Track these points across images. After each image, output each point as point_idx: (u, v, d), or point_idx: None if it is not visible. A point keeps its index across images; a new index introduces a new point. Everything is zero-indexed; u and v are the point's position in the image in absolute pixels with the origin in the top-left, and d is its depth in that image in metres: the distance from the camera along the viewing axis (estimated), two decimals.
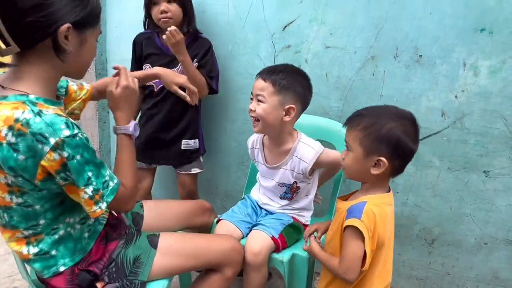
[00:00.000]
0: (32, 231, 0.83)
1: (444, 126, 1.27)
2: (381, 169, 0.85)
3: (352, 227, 0.83)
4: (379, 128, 0.84)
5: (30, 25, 0.72)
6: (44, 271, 0.86)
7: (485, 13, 1.13)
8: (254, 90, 1.12)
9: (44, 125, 0.72)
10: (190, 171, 1.58)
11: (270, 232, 1.13)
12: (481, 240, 1.31)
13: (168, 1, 1.35)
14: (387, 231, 0.89)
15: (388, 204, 0.91)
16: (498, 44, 1.14)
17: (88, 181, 0.78)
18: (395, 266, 1.47)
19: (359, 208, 0.85)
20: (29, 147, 0.72)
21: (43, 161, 0.73)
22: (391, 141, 0.83)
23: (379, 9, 1.25)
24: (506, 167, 1.21)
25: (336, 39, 1.35)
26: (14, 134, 0.72)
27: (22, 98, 0.75)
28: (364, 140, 0.85)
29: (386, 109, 0.90)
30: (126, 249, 0.95)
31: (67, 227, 0.86)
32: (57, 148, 0.72)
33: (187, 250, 1.01)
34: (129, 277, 0.92)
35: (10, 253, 1.69)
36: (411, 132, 0.85)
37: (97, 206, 0.80)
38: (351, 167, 0.90)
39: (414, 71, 1.26)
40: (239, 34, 1.51)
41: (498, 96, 1.17)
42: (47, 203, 0.81)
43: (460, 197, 1.30)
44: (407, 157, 0.87)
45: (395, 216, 1.40)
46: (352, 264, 0.86)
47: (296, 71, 1.14)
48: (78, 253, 0.89)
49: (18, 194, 0.78)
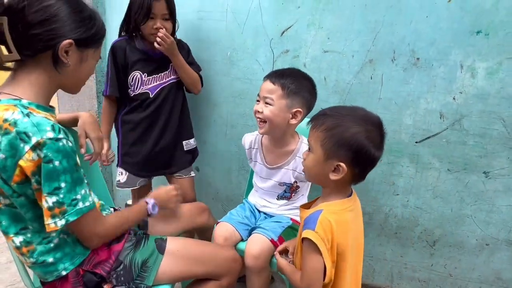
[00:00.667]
0: (22, 237, 0.82)
1: (443, 128, 1.27)
2: (340, 174, 0.80)
3: (308, 239, 0.78)
4: (342, 131, 0.79)
5: (34, 36, 0.76)
6: (46, 275, 0.87)
7: (481, 15, 1.14)
8: (261, 92, 1.14)
9: (30, 124, 0.73)
10: (190, 174, 1.58)
11: (269, 235, 1.14)
12: (483, 241, 1.31)
13: (164, 19, 1.36)
14: (349, 239, 0.83)
15: (349, 210, 0.84)
16: (494, 46, 1.15)
17: (54, 191, 0.74)
18: (397, 268, 1.47)
19: (314, 218, 0.80)
20: (11, 145, 0.72)
21: (21, 161, 0.72)
22: (353, 147, 0.78)
23: (376, 13, 1.27)
24: (505, 168, 1.22)
25: (333, 44, 1.36)
26: (1, 133, 0.73)
27: (15, 101, 0.77)
28: (325, 142, 0.80)
29: (353, 111, 0.84)
30: (134, 252, 0.95)
31: (59, 235, 0.85)
32: (36, 148, 0.72)
33: (193, 256, 1.01)
34: (135, 281, 0.92)
35: (12, 262, 1.69)
36: (376, 138, 0.80)
37: (52, 220, 0.76)
38: (310, 169, 0.85)
39: (412, 74, 1.27)
40: (238, 40, 1.53)
41: (496, 97, 1.18)
42: (29, 211, 0.80)
43: (461, 198, 1.30)
44: (369, 164, 0.81)
45: (396, 218, 1.42)
46: (312, 278, 0.81)
47: (303, 76, 1.17)
48: (78, 256, 0.88)
49: (3, 197, 0.78)
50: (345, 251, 0.82)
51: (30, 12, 0.75)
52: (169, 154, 1.52)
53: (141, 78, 1.42)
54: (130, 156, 1.50)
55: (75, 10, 0.80)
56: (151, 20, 1.34)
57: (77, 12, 0.81)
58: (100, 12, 1.81)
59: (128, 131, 1.48)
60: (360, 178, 0.84)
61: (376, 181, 1.42)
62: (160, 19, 1.35)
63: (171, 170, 1.55)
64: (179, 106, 1.50)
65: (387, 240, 1.46)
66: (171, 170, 1.55)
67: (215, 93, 1.64)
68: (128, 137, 1.48)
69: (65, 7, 0.78)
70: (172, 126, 1.49)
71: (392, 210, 1.42)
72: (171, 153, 1.52)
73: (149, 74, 1.43)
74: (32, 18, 0.75)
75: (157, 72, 1.44)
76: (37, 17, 0.75)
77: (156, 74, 1.44)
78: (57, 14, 0.77)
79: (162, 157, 1.50)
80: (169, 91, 1.46)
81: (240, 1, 1.48)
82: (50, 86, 0.84)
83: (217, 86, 1.63)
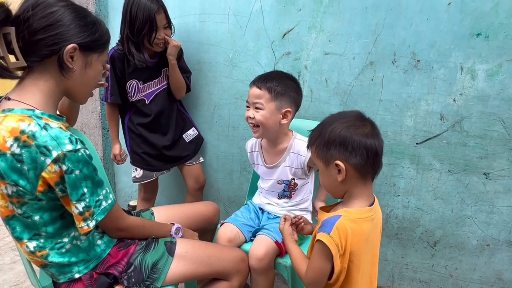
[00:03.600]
0: (35, 242, 0.84)
1: (444, 129, 1.28)
2: (343, 173, 0.80)
3: (321, 241, 0.79)
4: (323, 134, 0.83)
5: (39, 42, 0.78)
6: (60, 275, 0.89)
7: (481, 18, 1.15)
8: (250, 99, 1.18)
9: (49, 138, 0.75)
10: (199, 161, 1.68)
11: (274, 237, 1.15)
12: (483, 242, 1.32)
13: (164, 27, 1.42)
14: (363, 248, 0.82)
15: (368, 219, 0.83)
16: (494, 48, 1.16)
17: (81, 197, 0.80)
18: (398, 269, 1.48)
19: (331, 222, 0.80)
20: (32, 158, 0.75)
21: (44, 173, 0.76)
22: (336, 141, 0.80)
23: (377, 16, 1.28)
24: (506, 169, 1.23)
25: (334, 46, 1.37)
26: (20, 146, 0.75)
27: (28, 112, 0.78)
28: (318, 152, 0.84)
29: (330, 117, 0.87)
30: (144, 254, 0.97)
31: (72, 240, 0.87)
32: (58, 161, 0.75)
33: (201, 258, 1.03)
34: (146, 282, 0.94)
35: (16, 262, 1.70)
36: (358, 125, 0.81)
37: (85, 223, 0.81)
38: (324, 184, 0.88)
39: (412, 76, 1.28)
40: (240, 42, 1.54)
41: (496, 99, 1.19)
42: (46, 213, 0.82)
43: (461, 199, 1.31)
44: (363, 152, 0.79)
45: (397, 219, 1.43)
46: (316, 277, 0.82)
47: (287, 77, 1.20)
48: (92, 260, 0.91)
49: (18, 205, 0.80)
50: (358, 260, 0.82)
51: (35, 19, 0.77)
52: (174, 149, 1.61)
53: (137, 86, 1.50)
54: (139, 155, 1.60)
55: (78, 15, 0.82)
56: (154, 32, 1.39)
57: (80, 17, 0.82)
58: (102, 15, 1.84)
59: (134, 135, 1.58)
60: (369, 169, 0.82)
61: (377, 182, 1.42)
62: (162, 29, 1.41)
63: (180, 162, 1.64)
64: (174, 106, 1.59)
65: (388, 241, 1.47)
66: (180, 162, 1.64)
67: (217, 94, 1.66)
68: (135, 140, 1.59)
69: (68, 12, 0.81)
70: (171, 124, 1.58)
71: (393, 211, 1.43)
72: (176, 147, 1.61)
73: (144, 81, 1.51)
74: (37, 24, 0.77)
75: (151, 79, 1.52)
76: (42, 23, 0.77)
77: (150, 81, 1.52)
78: (61, 19, 0.79)
79: (169, 152, 1.60)
80: (163, 96, 1.55)
81: (242, 4, 1.49)
82: (57, 93, 0.86)
83: (219, 87, 1.64)
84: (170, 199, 1.96)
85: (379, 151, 0.82)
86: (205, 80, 1.66)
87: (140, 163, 1.60)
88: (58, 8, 0.79)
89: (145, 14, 1.34)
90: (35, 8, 0.77)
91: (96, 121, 1.98)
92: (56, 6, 0.79)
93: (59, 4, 0.80)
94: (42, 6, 0.78)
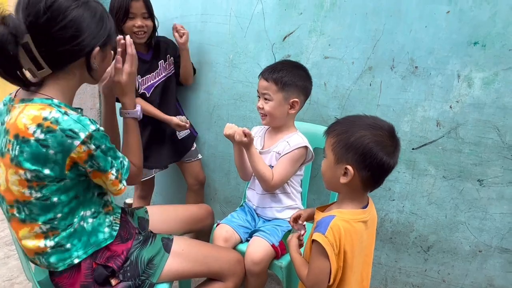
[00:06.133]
0: (49, 225, 0.86)
1: (439, 136, 1.30)
2: (348, 178, 0.82)
3: (317, 242, 0.81)
4: (349, 135, 0.82)
5: (64, 52, 0.81)
6: (59, 263, 0.90)
7: (478, 27, 1.17)
8: (259, 90, 1.23)
9: (73, 122, 0.79)
10: (198, 157, 1.69)
11: (270, 240, 1.16)
12: (476, 248, 1.33)
13: (144, 17, 1.42)
14: (356, 248, 0.84)
15: (361, 220, 0.85)
16: (491, 57, 1.17)
17: (112, 164, 0.88)
18: (391, 273, 1.49)
19: (326, 222, 0.82)
20: (58, 142, 0.78)
21: (73, 154, 0.80)
22: (359, 150, 0.80)
23: (376, 21, 1.30)
24: (499, 176, 1.24)
25: (334, 50, 1.38)
26: (43, 131, 0.78)
27: (48, 101, 0.82)
28: (335, 146, 0.84)
29: (364, 119, 0.87)
30: (141, 249, 0.98)
31: (80, 221, 0.90)
32: (86, 142, 0.81)
33: (197, 257, 1.04)
34: (141, 277, 0.95)
35: (9, 257, 1.70)
36: (386, 143, 0.81)
37: (121, 184, 0.91)
38: (325, 174, 0.89)
39: (410, 82, 1.29)
40: (240, 43, 1.55)
41: (491, 107, 1.21)
42: (63, 195, 0.85)
43: (455, 205, 1.33)
44: (378, 170, 0.81)
45: (391, 223, 1.44)
46: (317, 278, 0.84)
47: (294, 66, 1.23)
48: (91, 246, 0.92)
49: (37, 188, 0.82)
50: (351, 259, 0.84)
51: (55, 29, 0.78)
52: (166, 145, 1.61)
53: (137, 79, 1.49)
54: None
55: (91, 15, 0.84)
56: (131, 20, 1.39)
57: (93, 16, 0.84)
58: None
59: None
60: (373, 184, 0.85)
61: None
62: (140, 18, 1.40)
63: (175, 159, 1.65)
64: (171, 101, 1.60)
65: (382, 245, 1.48)
66: (174, 159, 1.65)
67: (216, 95, 1.66)
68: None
69: (84, 16, 0.82)
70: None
71: (388, 215, 1.44)
72: (169, 144, 1.61)
73: (142, 75, 1.50)
74: (59, 36, 0.79)
75: (149, 72, 1.52)
76: (64, 35, 0.79)
77: (148, 74, 1.52)
78: (81, 26, 0.81)
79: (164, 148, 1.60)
80: (161, 89, 1.55)
81: (243, 6, 1.50)
82: (76, 87, 0.91)
83: (219, 88, 1.65)
84: (166, 198, 1.96)
85: (391, 170, 0.84)
86: (205, 80, 1.67)
87: None
88: (75, 13, 0.80)
89: (120, 0, 1.36)
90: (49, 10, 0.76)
91: (95, 117, 1.98)
92: (71, 8, 0.79)
93: (73, 5, 0.80)
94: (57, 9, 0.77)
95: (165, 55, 1.56)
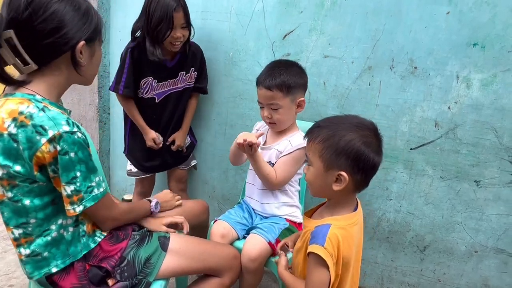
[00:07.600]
0: (22, 230, 0.83)
1: (437, 136, 1.30)
2: (343, 184, 0.79)
3: (316, 254, 0.78)
4: (337, 140, 0.78)
5: (48, 46, 0.79)
6: (34, 272, 0.87)
7: (478, 29, 1.17)
8: (263, 100, 1.19)
9: (46, 118, 0.76)
10: (190, 164, 1.70)
11: (267, 237, 1.16)
12: (472, 248, 1.34)
13: (182, 27, 1.40)
14: (353, 250, 0.84)
15: (354, 224, 0.85)
16: (489, 58, 1.18)
17: (71, 180, 0.79)
18: (387, 272, 1.50)
19: (323, 233, 0.79)
20: (27, 138, 0.75)
21: (38, 152, 0.76)
22: (351, 154, 0.77)
23: (376, 21, 1.30)
24: (496, 177, 1.25)
25: (334, 49, 1.39)
26: (16, 125, 0.76)
27: (29, 96, 0.80)
28: (323, 153, 0.80)
29: (346, 119, 0.84)
30: (138, 249, 0.97)
31: (59, 229, 0.86)
32: (53, 141, 0.75)
33: (194, 254, 1.04)
34: (138, 276, 0.94)
35: (7, 252, 1.70)
36: (373, 143, 0.79)
37: (71, 207, 0.81)
38: (313, 182, 0.85)
39: (409, 82, 1.30)
40: (240, 41, 1.55)
41: (489, 108, 1.21)
42: (37, 198, 0.81)
43: (452, 206, 1.33)
44: (370, 170, 0.80)
45: (388, 223, 1.45)
46: None
47: (288, 65, 1.21)
48: (69, 256, 0.89)
49: (8, 187, 0.80)
50: (349, 263, 0.83)
51: (37, 23, 0.76)
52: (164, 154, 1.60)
53: (152, 84, 1.50)
54: (134, 150, 1.61)
55: (74, 8, 0.82)
56: (171, 30, 1.37)
57: (76, 9, 0.82)
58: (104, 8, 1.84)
59: (135, 130, 1.58)
60: (364, 185, 0.84)
61: (370, 186, 1.41)
62: (179, 28, 1.39)
63: (168, 168, 1.67)
64: (180, 112, 1.59)
65: (379, 244, 1.49)
66: (168, 168, 1.67)
67: (215, 92, 1.66)
68: (134, 132, 1.59)
69: (67, 9, 0.80)
70: (172, 128, 1.59)
71: (385, 214, 1.45)
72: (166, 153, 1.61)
73: (159, 80, 1.50)
74: (41, 28, 0.77)
75: (166, 79, 1.51)
76: (46, 27, 0.77)
77: (165, 81, 1.51)
78: (63, 19, 0.79)
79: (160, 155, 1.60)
80: (174, 98, 1.54)
81: (244, 4, 1.50)
82: (65, 85, 0.88)
83: (218, 85, 1.65)
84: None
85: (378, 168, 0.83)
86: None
87: (134, 157, 1.62)
88: (57, 6, 0.78)
89: (162, 10, 1.33)
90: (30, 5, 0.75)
91: (94, 113, 1.97)
92: (52, 2, 0.78)
93: None
94: (38, 3, 0.76)
95: (189, 67, 1.53)
